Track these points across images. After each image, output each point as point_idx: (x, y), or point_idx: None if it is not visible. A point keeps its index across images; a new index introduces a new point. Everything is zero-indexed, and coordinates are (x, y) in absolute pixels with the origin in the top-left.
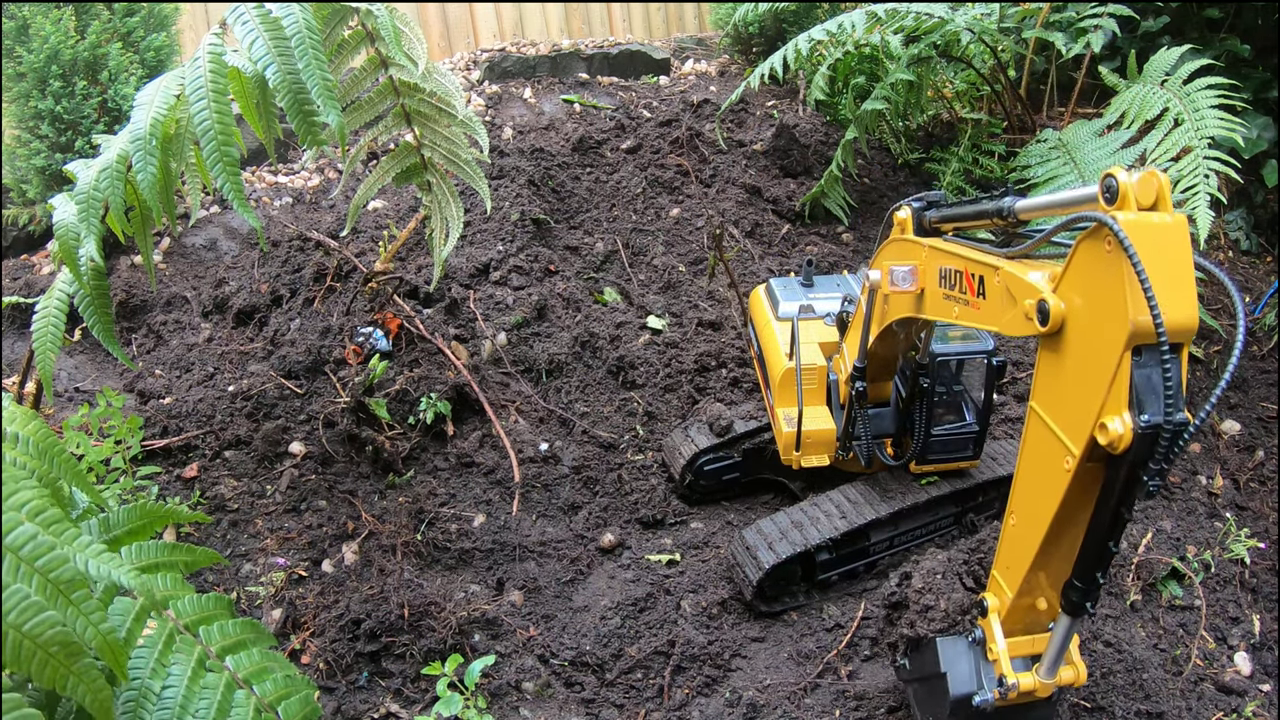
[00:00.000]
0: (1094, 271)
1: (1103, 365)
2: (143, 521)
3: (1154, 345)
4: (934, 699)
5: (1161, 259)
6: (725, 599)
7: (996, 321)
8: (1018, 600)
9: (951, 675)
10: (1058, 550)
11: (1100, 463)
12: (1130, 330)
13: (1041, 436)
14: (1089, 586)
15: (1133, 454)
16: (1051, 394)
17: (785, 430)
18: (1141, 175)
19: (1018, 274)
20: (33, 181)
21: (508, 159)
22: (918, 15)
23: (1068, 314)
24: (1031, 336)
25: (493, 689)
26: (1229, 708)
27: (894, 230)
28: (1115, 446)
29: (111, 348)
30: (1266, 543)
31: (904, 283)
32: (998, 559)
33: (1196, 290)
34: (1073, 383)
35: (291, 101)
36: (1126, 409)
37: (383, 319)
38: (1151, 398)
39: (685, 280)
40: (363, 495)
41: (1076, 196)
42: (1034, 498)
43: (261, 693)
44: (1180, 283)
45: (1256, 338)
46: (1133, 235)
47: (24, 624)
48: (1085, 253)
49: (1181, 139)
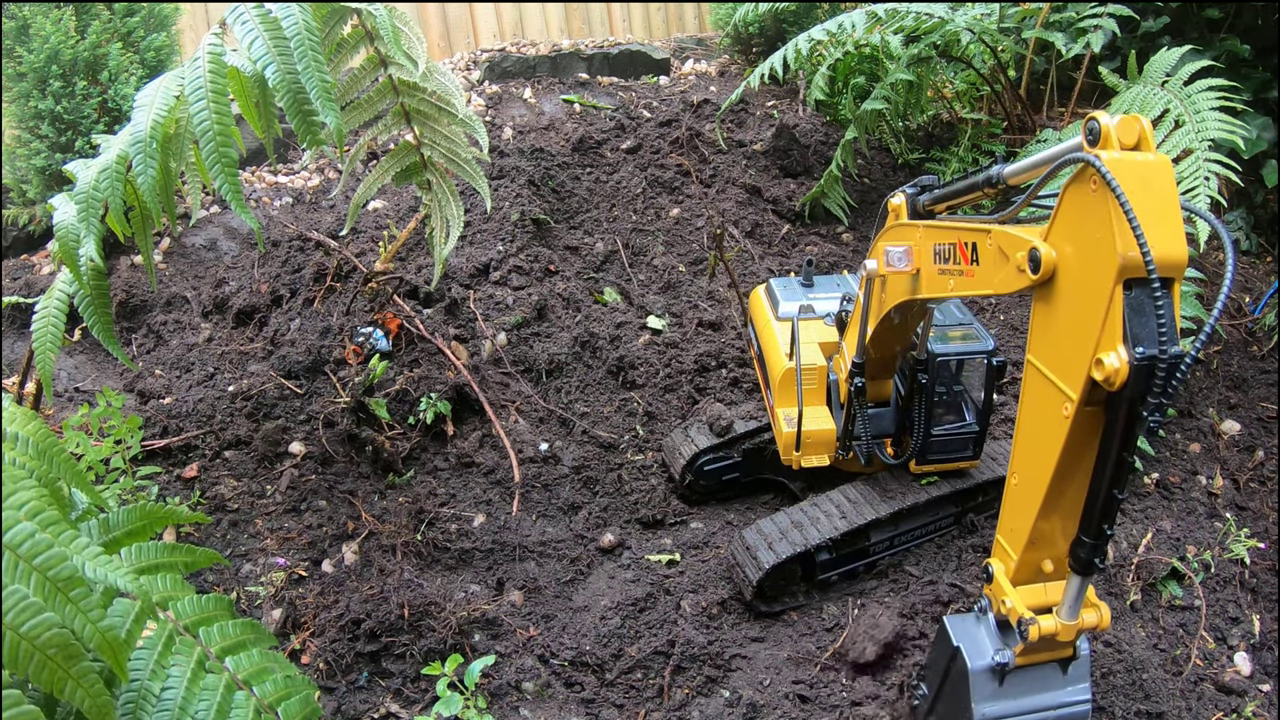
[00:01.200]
0: (1081, 213)
1: (1095, 304)
2: (142, 522)
3: (1144, 279)
4: (955, 688)
5: (1146, 195)
6: (725, 599)
7: (990, 283)
8: (1023, 559)
9: (966, 647)
10: (1060, 506)
11: (1099, 406)
12: (1120, 264)
13: (1039, 388)
14: (1098, 540)
15: (1130, 389)
16: (1047, 343)
17: (785, 430)
18: (1123, 118)
19: (1010, 231)
20: (33, 181)
21: (508, 159)
22: (918, 15)
23: (1059, 260)
24: (1025, 292)
25: (493, 689)
26: (1229, 708)
27: (889, 219)
28: (1112, 382)
29: (111, 348)
30: (1266, 543)
31: (899, 263)
32: (1001, 523)
33: (1185, 231)
34: (1067, 327)
35: (291, 101)
36: (1121, 343)
37: (383, 319)
38: (1145, 331)
39: (685, 280)
40: (363, 495)
41: (1061, 149)
42: (1035, 452)
43: (261, 693)
44: (1166, 218)
45: (1256, 338)
46: (1116, 172)
47: (22, 625)
48: (1072, 197)
49: (1182, 140)
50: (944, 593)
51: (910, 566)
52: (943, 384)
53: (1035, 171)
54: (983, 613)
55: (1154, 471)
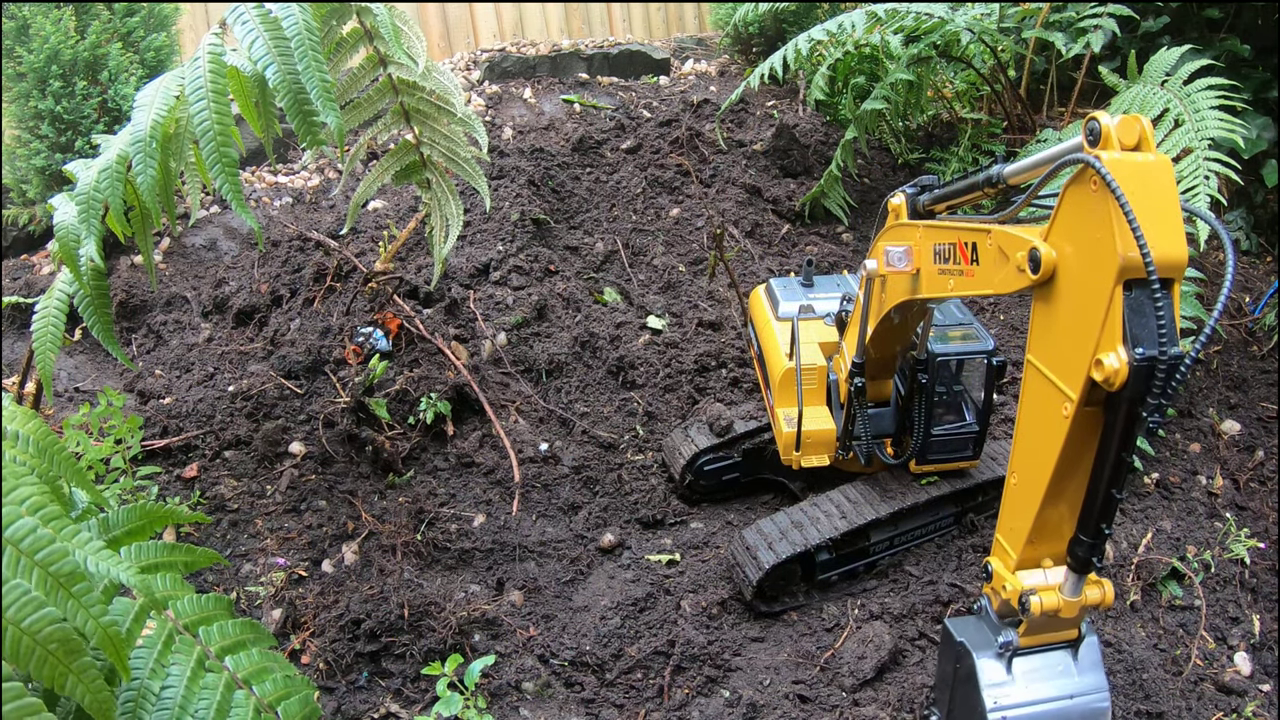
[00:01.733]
0: (1081, 213)
1: (1095, 304)
2: (142, 522)
3: (1144, 279)
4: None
5: (1146, 195)
6: (725, 599)
7: (990, 283)
8: (1023, 558)
9: (970, 642)
10: (1059, 505)
11: (1098, 406)
12: (1120, 264)
13: (1039, 388)
14: (1095, 539)
15: (1130, 389)
16: (1047, 343)
17: (785, 430)
18: (1123, 118)
19: (1009, 230)
20: (33, 181)
21: (508, 159)
22: (918, 15)
23: (1059, 261)
24: (1025, 292)
25: (493, 689)
26: (1229, 708)
27: (890, 219)
28: (1112, 383)
29: (111, 348)
30: (1266, 543)
31: (900, 263)
32: (1000, 522)
33: (1185, 231)
34: (1067, 328)
35: (291, 101)
36: (1121, 344)
37: (383, 319)
38: (1145, 332)
39: (685, 280)
40: (363, 495)
41: (1061, 149)
42: (1034, 452)
43: (261, 693)
44: (1166, 218)
45: (1256, 338)
46: (1116, 172)
47: (23, 619)
48: (1072, 197)
49: (1182, 140)
50: (944, 593)
51: (910, 566)
52: (943, 384)
53: (1035, 171)
54: (983, 611)
55: (1154, 471)
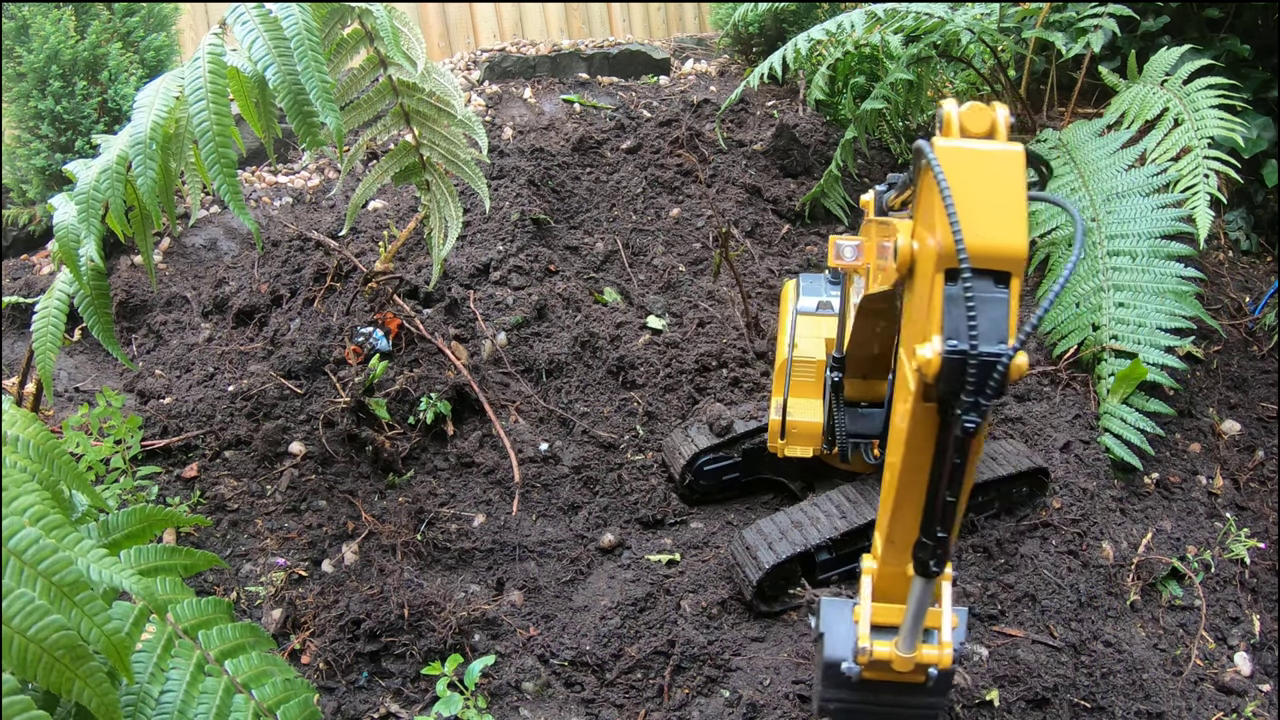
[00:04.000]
0: (927, 203)
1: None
2: (142, 525)
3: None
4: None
5: (978, 182)
6: (725, 599)
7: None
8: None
9: (828, 637)
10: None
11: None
12: (936, 252)
13: (900, 380)
14: (934, 544)
15: (943, 384)
16: (904, 335)
17: (773, 418)
18: (972, 105)
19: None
20: (33, 181)
21: (508, 159)
22: (918, 15)
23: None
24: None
25: (493, 689)
26: (1229, 708)
27: (866, 215)
28: (925, 374)
29: (111, 348)
30: (1266, 543)
31: (848, 255)
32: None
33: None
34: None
35: (291, 102)
36: (938, 334)
37: (383, 319)
38: (960, 325)
39: (685, 280)
40: (363, 495)
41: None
42: (892, 446)
43: (261, 697)
44: (1000, 207)
45: (1256, 338)
46: (945, 159)
47: (29, 628)
48: (925, 185)
49: (1181, 139)
50: None
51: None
52: None
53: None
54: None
55: (1154, 471)
